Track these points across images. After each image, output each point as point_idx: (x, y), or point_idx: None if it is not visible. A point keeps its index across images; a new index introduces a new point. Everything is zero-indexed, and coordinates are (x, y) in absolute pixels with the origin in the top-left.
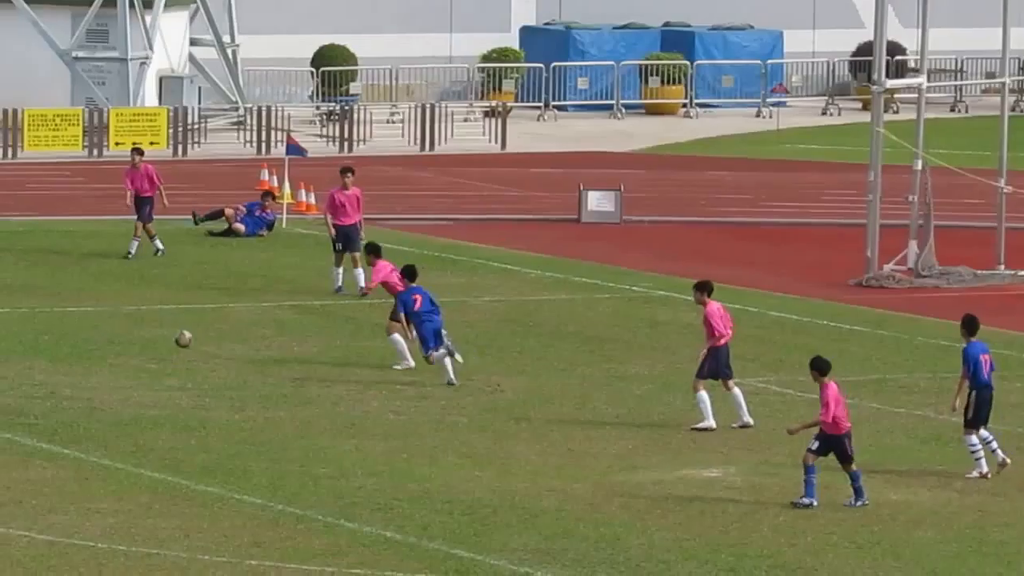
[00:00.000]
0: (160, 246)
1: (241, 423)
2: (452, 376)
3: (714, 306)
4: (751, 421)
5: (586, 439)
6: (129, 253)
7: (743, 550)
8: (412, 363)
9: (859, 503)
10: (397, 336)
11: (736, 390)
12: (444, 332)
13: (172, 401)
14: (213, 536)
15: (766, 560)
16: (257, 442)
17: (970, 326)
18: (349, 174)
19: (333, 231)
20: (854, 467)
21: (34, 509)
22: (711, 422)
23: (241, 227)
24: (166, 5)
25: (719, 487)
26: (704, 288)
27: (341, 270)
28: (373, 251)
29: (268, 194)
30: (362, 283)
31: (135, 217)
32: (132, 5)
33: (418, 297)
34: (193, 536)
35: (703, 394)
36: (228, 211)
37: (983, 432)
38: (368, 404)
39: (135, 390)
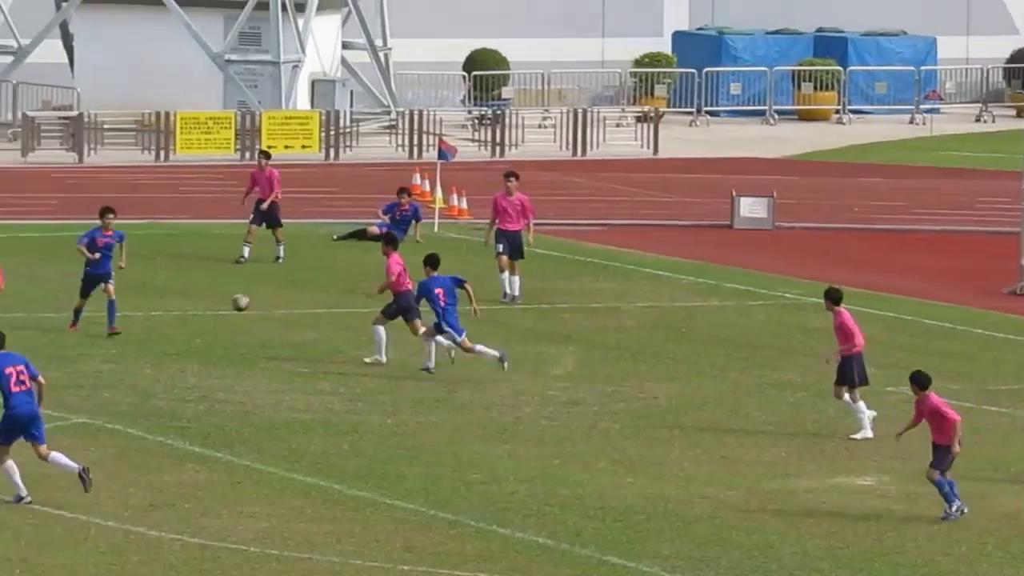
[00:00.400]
0: (246, 254)
1: (394, 428)
2: (432, 364)
3: (847, 313)
4: (874, 412)
5: (739, 446)
6: (278, 257)
7: (897, 559)
8: (384, 359)
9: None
10: (380, 329)
11: (847, 395)
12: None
13: (324, 405)
14: (365, 541)
15: (920, 569)
16: (409, 447)
17: None
18: (512, 179)
19: (492, 237)
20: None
21: (187, 512)
22: (868, 432)
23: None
24: (319, 8)
25: (873, 496)
26: (830, 296)
27: (506, 275)
28: (391, 242)
29: (403, 190)
30: (516, 291)
31: (258, 224)
32: (284, 8)
33: (440, 291)
34: (345, 541)
35: (861, 404)
36: (372, 230)
37: None
38: (521, 410)
39: (287, 394)
